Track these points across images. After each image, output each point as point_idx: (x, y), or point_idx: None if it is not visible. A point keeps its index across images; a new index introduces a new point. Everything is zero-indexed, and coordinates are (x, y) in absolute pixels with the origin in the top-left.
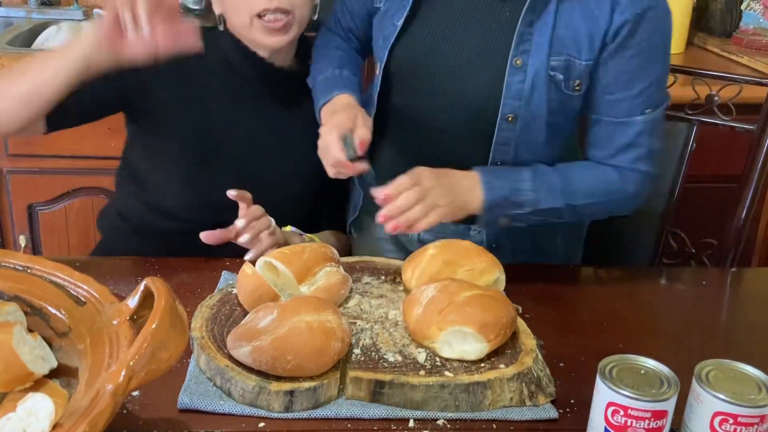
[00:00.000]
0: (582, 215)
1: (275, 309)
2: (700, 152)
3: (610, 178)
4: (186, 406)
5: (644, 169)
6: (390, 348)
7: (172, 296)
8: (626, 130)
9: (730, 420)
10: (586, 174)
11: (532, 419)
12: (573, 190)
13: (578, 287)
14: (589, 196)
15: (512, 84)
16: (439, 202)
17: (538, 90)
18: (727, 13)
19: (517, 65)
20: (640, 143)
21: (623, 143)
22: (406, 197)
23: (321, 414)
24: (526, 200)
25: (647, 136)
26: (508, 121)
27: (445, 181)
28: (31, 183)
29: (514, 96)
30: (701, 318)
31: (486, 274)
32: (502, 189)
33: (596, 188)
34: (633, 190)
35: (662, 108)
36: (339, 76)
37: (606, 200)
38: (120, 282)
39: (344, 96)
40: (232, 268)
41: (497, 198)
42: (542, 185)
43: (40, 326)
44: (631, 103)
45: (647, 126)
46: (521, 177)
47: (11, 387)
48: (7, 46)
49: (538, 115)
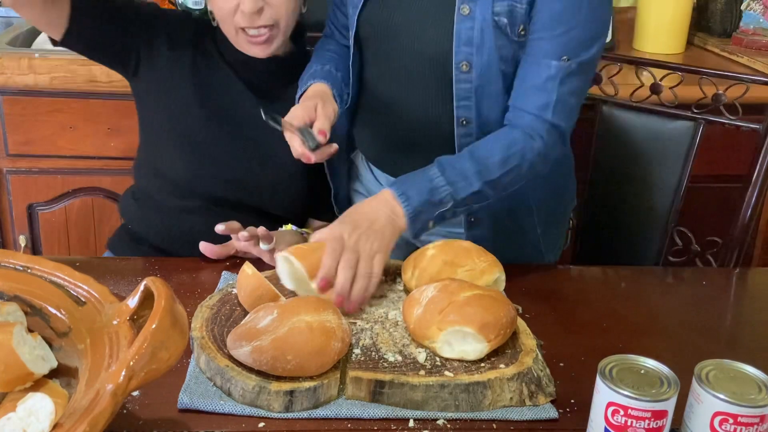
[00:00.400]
0: (505, 187)
1: (275, 309)
2: (706, 151)
3: (517, 138)
4: (186, 406)
5: (550, 118)
6: (390, 348)
7: (172, 296)
8: (539, 72)
9: (730, 420)
10: (491, 146)
11: (532, 419)
12: (485, 165)
13: (578, 287)
14: (503, 165)
15: (462, 31)
16: (373, 247)
17: (487, 36)
18: (727, 13)
19: (464, 13)
20: (550, 89)
21: (534, 85)
22: (343, 272)
23: (321, 414)
24: (444, 196)
25: (558, 84)
26: (462, 70)
27: (363, 223)
28: (31, 183)
29: (465, 43)
30: (701, 318)
31: (486, 274)
32: (419, 195)
33: (507, 155)
34: (540, 144)
35: (582, 62)
36: (321, 70)
37: (520, 162)
38: (120, 282)
39: (316, 85)
40: (232, 268)
41: (417, 205)
42: (454, 175)
43: (40, 326)
44: (549, 44)
45: (560, 73)
46: (431, 175)
47: (11, 387)
48: (7, 46)
49: (490, 61)
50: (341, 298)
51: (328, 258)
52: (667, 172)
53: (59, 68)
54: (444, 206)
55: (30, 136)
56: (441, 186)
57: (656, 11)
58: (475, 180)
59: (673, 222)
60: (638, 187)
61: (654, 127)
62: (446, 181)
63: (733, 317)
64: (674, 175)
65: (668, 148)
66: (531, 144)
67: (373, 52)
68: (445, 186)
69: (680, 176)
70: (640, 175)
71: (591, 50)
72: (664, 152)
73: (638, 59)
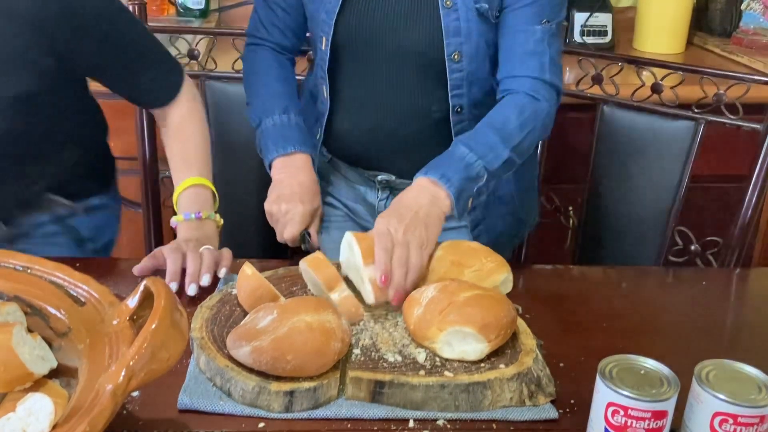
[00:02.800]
0: (527, 150)
1: (275, 309)
2: (707, 151)
3: (525, 102)
4: (186, 406)
5: (549, 78)
6: (390, 348)
7: (172, 296)
8: (526, 38)
9: (730, 420)
10: (506, 114)
11: (532, 419)
12: (508, 133)
13: (578, 287)
14: (522, 129)
15: (449, 23)
16: (421, 237)
17: (473, 24)
18: (727, 13)
19: (448, 6)
20: (541, 51)
21: (525, 51)
22: (398, 270)
23: (321, 414)
24: (479, 171)
25: (547, 45)
26: (454, 60)
27: (407, 213)
28: None
29: (453, 34)
30: (701, 318)
31: (494, 275)
32: (457, 173)
33: (523, 119)
34: (545, 104)
35: (557, 23)
36: (288, 124)
37: (535, 124)
38: (120, 282)
39: (301, 157)
40: (233, 268)
41: (458, 184)
42: (482, 148)
43: (39, 326)
44: (528, 11)
45: (546, 35)
46: (462, 154)
47: (11, 387)
48: None
49: (478, 47)
50: (400, 294)
51: (381, 254)
52: (668, 172)
53: None
54: (480, 180)
55: None
56: (474, 161)
57: (656, 11)
58: (503, 149)
59: (673, 222)
60: (639, 187)
61: (654, 126)
62: (477, 156)
63: (733, 317)
64: (675, 175)
65: (669, 148)
66: (538, 105)
67: (353, 56)
68: (478, 161)
69: (681, 176)
70: (640, 175)
71: (562, 12)
72: (665, 152)
73: (639, 59)
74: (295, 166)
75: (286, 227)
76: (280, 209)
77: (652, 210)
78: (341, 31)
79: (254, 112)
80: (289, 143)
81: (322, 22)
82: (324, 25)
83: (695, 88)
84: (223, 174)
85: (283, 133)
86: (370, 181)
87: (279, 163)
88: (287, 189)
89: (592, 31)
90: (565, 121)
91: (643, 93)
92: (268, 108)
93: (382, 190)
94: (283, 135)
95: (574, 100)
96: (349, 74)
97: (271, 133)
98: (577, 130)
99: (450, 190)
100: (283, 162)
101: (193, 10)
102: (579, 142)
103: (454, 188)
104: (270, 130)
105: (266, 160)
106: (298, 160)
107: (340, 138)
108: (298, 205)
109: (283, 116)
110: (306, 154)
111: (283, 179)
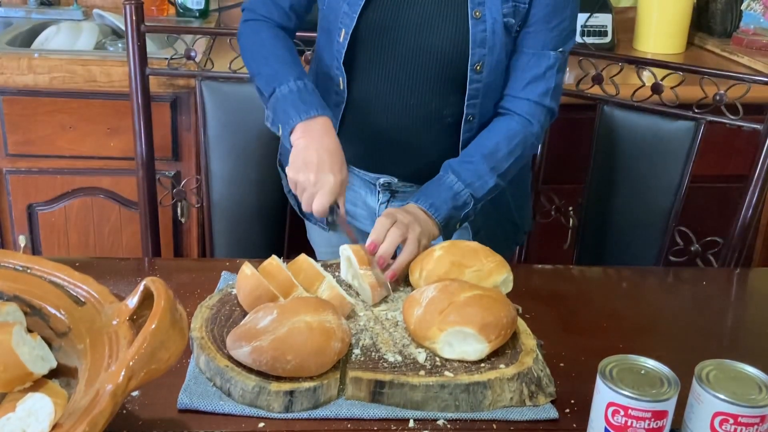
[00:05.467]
0: (510, 175)
1: (275, 309)
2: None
3: (517, 128)
4: (186, 406)
5: (548, 104)
6: (390, 348)
7: (172, 296)
8: (540, 62)
9: (730, 420)
10: (496, 140)
11: (532, 419)
12: (496, 161)
13: (578, 287)
14: (510, 156)
15: (476, 34)
16: (423, 232)
17: (497, 37)
18: (727, 13)
19: (476, 17)
20: (549, 77)
21: (536, 75)
22: (391, 236)
23: (321, 414)
24: (466, 199)
25: (556, 72)
26: (476, 70)
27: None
28: (30, 183)
29: (479, 45)
30: (701, 318)
31: (494, 275)
32: (444, 203)
33: (512, 146)
34: (538, 128)
35: (569, 50)
36: (306, 89)
37: (523, 150)
38: (120, 282)
39: (324, 120)
40: (232, 268)
41: (446, 213)
42: (470, 176)
43: (39, 326)
44: (547, 36)
45: (557, 62)
46: (449, 183)
47: (11, 387)
48: (6, 46)
49: (500, 60)
50: (382, 260)
51: (379, 225)
52: (668, 172)
53: (59, 68)
54: (467, 207)
55: (29, 136)
56: (461, 191)
57: (656, 11)
58: (490, 177)
59: (673, 222)
60: (639, 187)
61: (655, 126)
62: (464, 184)
63: (733, 317)
64: (675, 175)
65: (669, 148)
66: (530, 129)
67: (371, 52)
68: (465, 189)
69: (681, 176)
70: (640, 175)
71: (572, 41)
72: (665, 152)
73: (639, 59)
74: (319, 131)
75: (316, 198)
76: (309, 179)
77: (653, 210)
78: (363, 25)
79: (265, 81)
80: (311, 107)
81: (344, 15)
82: (345, 18)
83: (695, 88)
84: (222, 174)
85: (302, 98)
86: (371, 184)
87: (301, 128)
88: (314, 156)
89: (592, 31)
90: (565, 121)
91: (644, 93)
92: (281, 76)
93: (382, 193)
94: (303, 99)
95: (574, 100)
96: (364, 70)
97: (288, 99)
98: (577, 130)
99: (437, 218)
100: (306, 127)
101: (192, 10)
102: (579, 142)
103: (442, 217)
104: (287, 97)
105: (286, 127)
106: (321, 124)
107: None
108: (328, 175)
109: (299, 82)
110: (329, 118)
111: (308, 144)
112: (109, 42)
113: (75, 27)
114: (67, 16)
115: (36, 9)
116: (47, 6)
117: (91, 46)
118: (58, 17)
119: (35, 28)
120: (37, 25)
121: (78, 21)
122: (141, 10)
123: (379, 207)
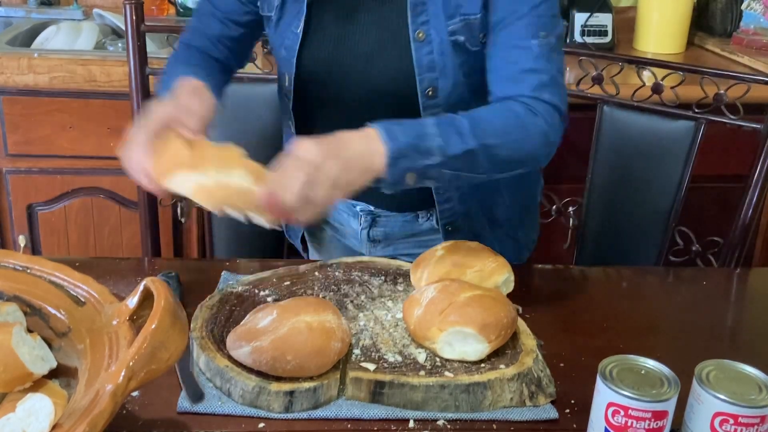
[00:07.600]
0: (502, 162)
1: (275, 309)
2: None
3: (518, 110)
4: (186, 409)
5: (548, 98)
6: (390, 348)
7: (172, 296)
8: (524, 55)
9: (730, 420)
10: (493, 112)
11: (533, 419)
12: (483, 128)
13: (578, 287)
14: (503, 134)
15: (421, 57)
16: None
17: (447, 57)
18: (727, 13)
19: (420, 39)
20: (540, 68)
21: (524, 68)
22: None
23: (321, 414)
24: (433, 146)
25: (546, 62)
26: (428, 96)
27: (336, 150)
28: (30, 183)
29: (427, 69)
30: (701, 318)
31: (495, 275)
32: (405, 136)
33: (507, 123)
34: (543, 123)
35: (557, 35)
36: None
37: (522, 137)
38: (120, 282)
39: (185, 80)
40: (232, 268)
41: (402, 146)
42: (449, 128)
43: (39, 326)
44: (524, 24)
45: (544, 50)
46: (425, 123)
47: (11, 387)
48: (6, 45)
49: (456, 81)
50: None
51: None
52: (668, 172)
53: (58, 68)
54: (430, 158)
55: (29, 136)
56: (432, 133)
57: (656, 11)
58: (471, 138)
59: (673, 222)
60: (639, 187)
61: (655, 126)
62: (439, 131)
63: (733, 317)
64: (675, 175)
65: (669, 148)
66: (533, 120)
67: (319, 95)
68: (437, 136)
69: (681, 176)
70: (640, 175)
71: (560, 24)
72: (665, 152)
73: (640, 59)
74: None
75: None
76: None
77: (653, 210)
78: (306, 66)
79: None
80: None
81: (283, 59)
82: (285, 63)
83: (695, 88)
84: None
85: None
86: (352, 209)
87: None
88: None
89: (592, 31)
90: None
91: (644, 93)
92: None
93: (364, 218)
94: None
95: (574, 100)
96: (316, 113)
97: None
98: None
99: (388, 147)
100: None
101: (192, 9)
102: (579, 142)
103: (394, 148)
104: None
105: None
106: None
107: None
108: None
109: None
110: (191, 78)
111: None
112: (109, 42)
113: (75, 27)
114: (67, 16)
115: (36, 9)
116: (47, 6)
117: (91, 45)
118: (58, 17)
119: (35, 27)
120: (37, 25)
121: (78, 21)
122: (141, 9)
123: (360, 231)
